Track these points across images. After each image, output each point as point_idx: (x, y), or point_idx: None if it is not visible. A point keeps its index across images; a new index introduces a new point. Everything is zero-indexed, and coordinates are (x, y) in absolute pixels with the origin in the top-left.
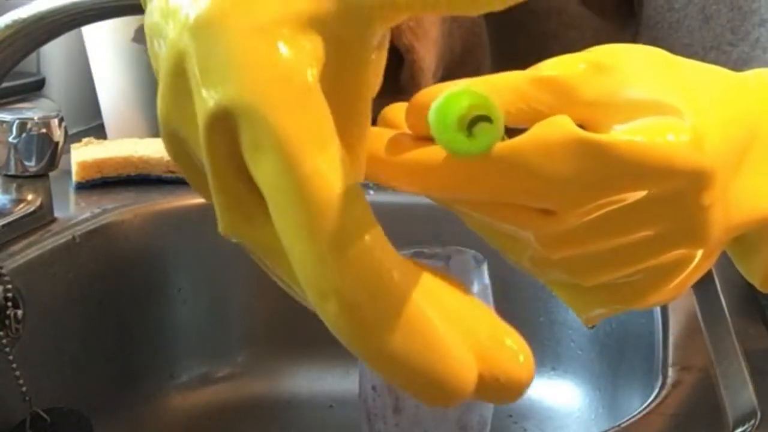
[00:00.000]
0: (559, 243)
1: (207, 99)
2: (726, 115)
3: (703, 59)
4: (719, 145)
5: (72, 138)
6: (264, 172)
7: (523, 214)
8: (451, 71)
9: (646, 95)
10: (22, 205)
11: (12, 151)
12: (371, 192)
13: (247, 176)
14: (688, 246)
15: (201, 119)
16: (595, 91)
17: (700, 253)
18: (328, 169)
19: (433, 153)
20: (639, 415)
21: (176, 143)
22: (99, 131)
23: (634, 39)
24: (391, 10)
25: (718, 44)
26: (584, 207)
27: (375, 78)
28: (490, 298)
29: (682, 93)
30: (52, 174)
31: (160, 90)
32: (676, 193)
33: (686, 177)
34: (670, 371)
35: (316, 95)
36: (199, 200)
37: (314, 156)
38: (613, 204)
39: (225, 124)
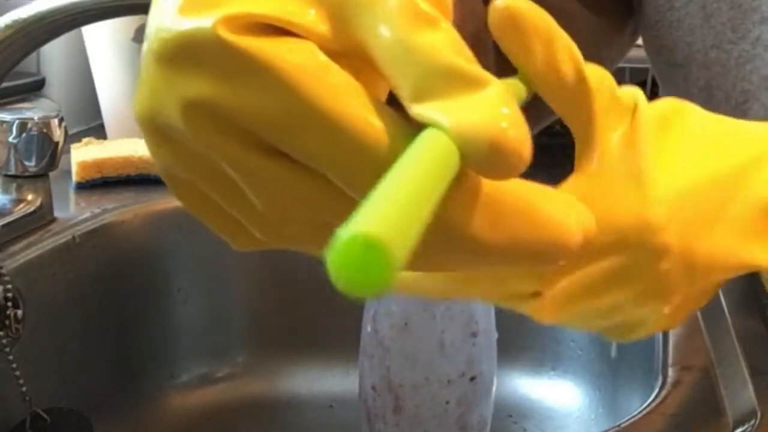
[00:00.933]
0: (543, 310)
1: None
2: (704, 175)
3: (704, 57)
4: (684, 212)
5: (72, 138)
6: (316, 151)
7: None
8: None
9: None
10: (22, 205)
11: (12, 151)
12: None
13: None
14: (654, 304)
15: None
16: None
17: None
18: (378, 116)
19: None
20: (639, 415)
21: (173, 174)
22: (99, 131)
23: (632, 38)
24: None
25: (719, 43)
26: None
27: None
28: None
29: (666, 158)
30: (52, 174)
31: (144, 89)
32: (636, 263)
33: (642, 251)
34: (670, 371)
35: (329, 64)
36: None
37: (359, 111)
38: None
39: (221, 120)
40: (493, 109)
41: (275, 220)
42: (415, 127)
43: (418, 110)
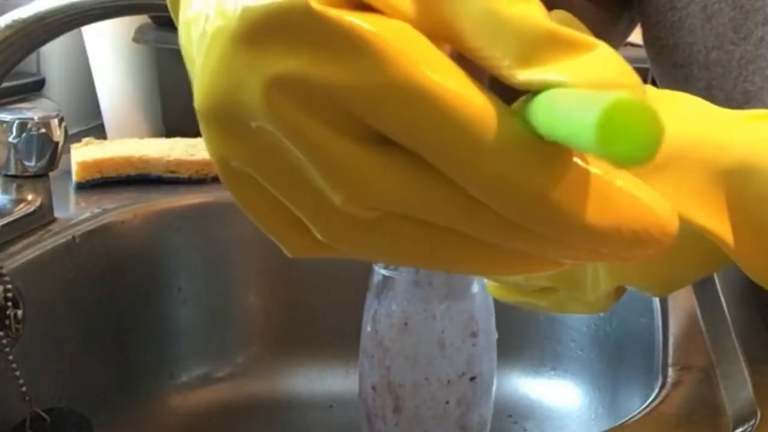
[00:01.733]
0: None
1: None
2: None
3: (705, 58)
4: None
5: (72, 138)
6: (425, 137)
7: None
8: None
9: None
10: (22, 205)
11: (12, 151)
12: None
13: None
14: None
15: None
16: None
17: None
18: (479, 94)
19: None
20: (639, 415)
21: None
22: (99, 131)
23: (625, 33)
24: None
25: (721, 43)
26: None
27: None
28: (491, 298)
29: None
30: (52, 174)
31: (213, 74)
32: None
33: None
34: (670, 371)
35: (426, 40)
36: (199, 200)
37: (461, 87)
38: None
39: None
40: (614, 67)
41: (349, 220)
42: (511, 105)
43: (527, 76)
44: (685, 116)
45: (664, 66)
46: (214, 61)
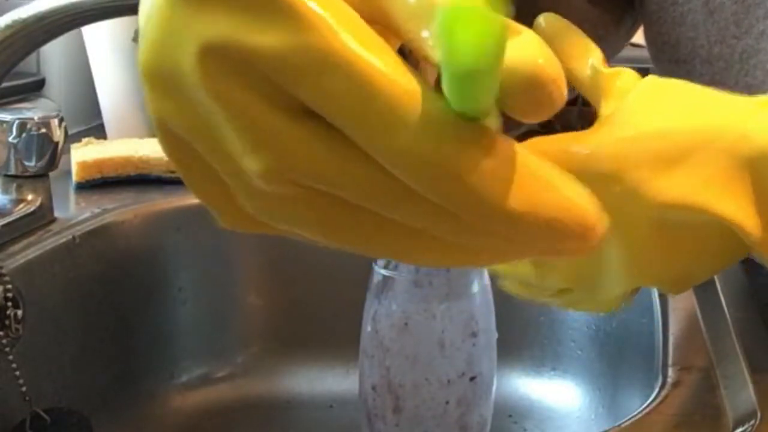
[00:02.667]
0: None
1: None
2: (675, 124)
3: (708, 53)
4: (641, 150)
5: (72, 138)
6: (343, 108)
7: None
8: None
9: None
10: (22, 205)
11: (12, 151)
12: None
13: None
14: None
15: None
16: None
17: None
18: (403, 71)
19: None
20: (639, 415)
21: (174, 135)
22: (99, 131)
23: (627, 35)
24: None
25: (723, 38)
26: None
27: None
28: (490, 298)
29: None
30: (52, 174)
31: (153, 35)
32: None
33: (595, 175)
34: (670, 371)
35: (356, 16)
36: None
37: (384, 61)
38: None
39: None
40: (530, 49)
41: (270, 194)
42: (436, 85)
43: None
44: (701, 106)
45: (666, 63)
46: (152, 24)
